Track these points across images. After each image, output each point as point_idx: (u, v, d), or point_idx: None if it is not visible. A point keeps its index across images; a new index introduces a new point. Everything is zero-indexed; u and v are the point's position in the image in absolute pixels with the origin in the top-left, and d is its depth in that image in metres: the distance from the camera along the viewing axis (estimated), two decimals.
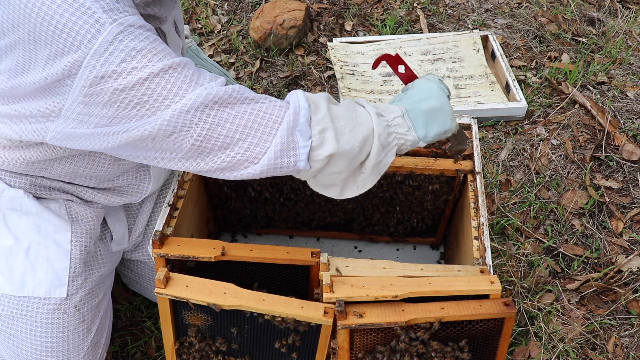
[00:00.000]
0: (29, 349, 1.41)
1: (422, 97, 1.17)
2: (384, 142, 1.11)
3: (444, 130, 1.18)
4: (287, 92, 2.55)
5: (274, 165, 1.06)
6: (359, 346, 1.23)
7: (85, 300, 1.44)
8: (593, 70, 2.58)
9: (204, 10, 2.98)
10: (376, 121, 1.10)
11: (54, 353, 1.42)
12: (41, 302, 1.39)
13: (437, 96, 1.18)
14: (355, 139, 1.07)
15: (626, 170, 2.19)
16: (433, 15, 2.95)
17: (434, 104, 1.17)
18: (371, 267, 1.28)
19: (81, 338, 1.44)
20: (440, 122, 1.17)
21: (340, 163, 1.09)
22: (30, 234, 1.39)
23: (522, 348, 1.73)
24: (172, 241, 1.33)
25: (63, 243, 1.41)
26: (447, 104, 1.19)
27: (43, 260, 1.39)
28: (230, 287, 1.26)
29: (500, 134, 2.37)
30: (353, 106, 1.13)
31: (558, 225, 2.04)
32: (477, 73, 2.57)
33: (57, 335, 1.41)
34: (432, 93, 1.18)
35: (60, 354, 1.42)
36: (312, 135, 1.05)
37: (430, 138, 1.17)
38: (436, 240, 1.83)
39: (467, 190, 1.53)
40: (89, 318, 1.46)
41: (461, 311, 1.20)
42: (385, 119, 1.12)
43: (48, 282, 1.39)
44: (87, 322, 1.46)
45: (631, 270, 1.89)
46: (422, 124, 1.15)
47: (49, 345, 1.41)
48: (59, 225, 1.41)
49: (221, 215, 1.79)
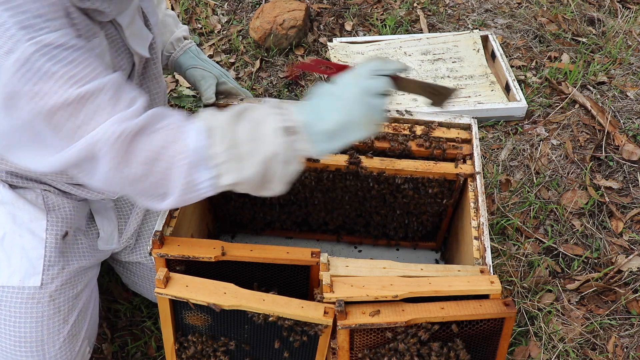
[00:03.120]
0: (3, 338, 1.39)
1: (329, 108, 1.05)
2: (287, 158, 1.05)
3: (357, 139, 1.06)
4: (287, 92, 2.55)
5: (182, 202, 1.07)
6: (359, 346, 1.23)
7: (61, 290, 1.41)
8: (593, 70, 2.58)
9: (204, 10, 2.98)
10: (280, 140, 1.03)
11: (27, 343, 1.39)
12: (15, 291, 1.37)
13: (347, 107, 1.04)
14: (257, 163, 1.04)
15: (626, 170, 2.19)
16: (433, 15, 2.95)
17: (341, 118, 1.03)
18: (371, 267, 1.28)
19: (57, 329, 1.41)
20: (351, 135, 1.05)
21: (245, 186, 1.08)
22: (5, 224, 1.38)
23: (522, 348, 1.73)
24: (172, 241, 1.33)
25: (38, 231, 1.39)
26: (360, 115, 1.03)
27: (18, 250, 1.38)
28: (230, 287, 1.26)
29: (500, 134, 2.37)
30: (256, 125, 1.05)
31: (558, 225, 2.04)
32: (477, 73, 2.57)
33: (30, 325, 1.38)
34: (341, 103, 1.04)
35: (34, 344, 1.40)
36: (213, 168, 1.04)
37: (340, 148, 1.08)
38: (436, 245, 1.83)
39: (467, 190, 1.53)
40: (66, 309, 1.43)
41: (461, 311, 1.20)
42: (289, 139, 1.05)
43: (22, 271, 1.37)
44: (63, 312, 1.42)
45: (631, 270, 1.89)
46: (327, 139, 1.05)
47: (22, 335, 1.38)
48: (34, 214, 1.39)
49: (221, 215, 1.79)
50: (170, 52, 1.66)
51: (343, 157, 1.55)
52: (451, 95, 1.20)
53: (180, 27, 1.67)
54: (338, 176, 1.57)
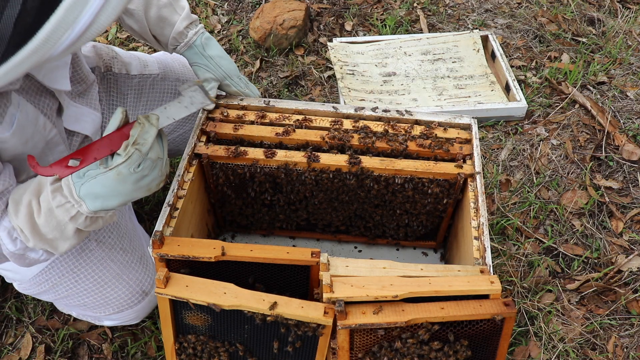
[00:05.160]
0: (91, 294, 1.55)
1: (112, 196, 1.16)
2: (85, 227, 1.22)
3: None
4: (287, 92, 2.55)
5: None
6: (359, 346, 1.23)
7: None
8: (593, 70, 2.58)
9: (204, 10, 2.99)
10: (73, 226, 1.21)
11: (107, 287, 1.56)
12: (66, 255, 1.50)
13: (126, 194, 1.17)
14: (66, 240, 1.24)
15: (626, 170, 2.19)
16: (433, 15, 2.95)
17: (124, 200, 1.18)
18: (371, 267, 1.28)
19: (120, 258, 1.57)
20: (134, 199, 1.20)
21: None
22: None
23: (522, 348, 1.73)
24: (172, 241, 1.33)
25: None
26: (140, 193, 1.18)
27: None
28: (230, 287, 1.26)
29: (500, 134, 2.37)
30: (53, 217, 1.19)
31: (558, 225, 2.04)
32: (477, 73, 2.57)
33: (97, 271, 1.53)
34: (121, 195, 1.17)
35: (114, 284, 1.57)
36: (39, 250, 1.26)
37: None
38: (436, 244, 1.83)
39: (467, 190, 1.53)
40: (115, 239, 1.58)
41: (461, 311, 1.20)
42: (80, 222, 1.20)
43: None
44: (114, 244, 1.56)
45: (631, 270, 1.89)
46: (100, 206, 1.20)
47: (100, 282, 1.55)
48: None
49: (221, 215, 1.79)
50: (175, 46, 1.61)
51: (343, 157, 1.55)
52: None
53: (181, 16, 1.59)
54: (338, 176, 1.57)
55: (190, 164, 1.53)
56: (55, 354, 1.73)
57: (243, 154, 1.55)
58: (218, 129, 1.59)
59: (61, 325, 1.80)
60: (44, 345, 1.74)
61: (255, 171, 1.59)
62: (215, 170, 1.60)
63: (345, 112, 1.66)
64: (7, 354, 1.75)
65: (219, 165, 1.58)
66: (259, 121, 1.63)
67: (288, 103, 1.67)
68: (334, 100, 2.51)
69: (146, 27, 1.58)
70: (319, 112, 1.65)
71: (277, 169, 1.57)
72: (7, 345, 1.77)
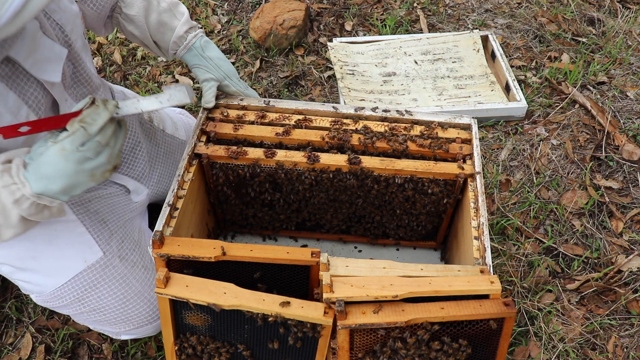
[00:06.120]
0: (111, 310, 1.56)
1: (55, 177, 1.14)
2: (28, 214, 1.18)
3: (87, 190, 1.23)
4: (287, 92, 2.55)
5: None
6: (359, 346, 1.23)
7: (122, 246, 1.56)
8: (593, 70, 2.58)
9: (204, 10, 2.99)
10: (17, 211, 1.17)
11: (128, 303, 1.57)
12: (90, 271, 1.51)
13: (69, 176, 1.15)
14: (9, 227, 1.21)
15: (626, 170, 2.19)
16: (433, 15, 2.95)
17: (68, 183, 1.16)
18: (371, 267, 1.28)
19: (141, 276, 1.57)
20: (79, 190, 1.19)
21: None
22: (39, 228, 1.44)
23: (522, 348, 1.73)
24: (172, 241, 1.33)
25: (68, 214, 1.47)
26: (83, 178, 1.16)
27: (65, 240, 1.48)
28: (230, 287, 1.25)
29: (500, 134, 2.37)
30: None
31: (558, 225, 2.04)
32: (477, 73, 2.57)
33: (119, 288, 1.54)
34: (64, 176, 1.15)
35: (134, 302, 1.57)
36: None
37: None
38: (436, 244, 1.83)
39: (467, 190, 1.53)
40: (136, 257, 1.59)
41: (461, 311, 1.20)
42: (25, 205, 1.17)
43: (82, 254, 1.50)
44: (137, 262, 1.58)
45: (631, 270, 1.89)
46: (60, 195, 1.18)
47: (122, 299, 1.55)
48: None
49: (221, 215, 1.79)
50: (175, 50, 1.64)
51: (343, 157, 1.55)
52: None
53: (181, 21, 1.61)
54: (338, 176, 1.57)
55: (190, 164, 1.53)
56: (55, 354, 1.73)
57: (243, 154, 1.55)
58: (218, 129, 1.60)
59: (61, 325, 1.80)
60: (44, 345, 1.74)
61: (255, 171, 1.59)
62: (215, 170, 1.60)
63: (345, 112, 1.66)
64: (7, 354, 1.75)
65: (219, 165, 1.58)
66: (259, 121, 1.63)
67: (288, 103, 1.67)
68: (334, 100, 2.51)
69: (147, 32, 1.61)
70: (319, 112, 1.66)
71: (277, 169, 1.57)
72: (7, 345, 1.77)
